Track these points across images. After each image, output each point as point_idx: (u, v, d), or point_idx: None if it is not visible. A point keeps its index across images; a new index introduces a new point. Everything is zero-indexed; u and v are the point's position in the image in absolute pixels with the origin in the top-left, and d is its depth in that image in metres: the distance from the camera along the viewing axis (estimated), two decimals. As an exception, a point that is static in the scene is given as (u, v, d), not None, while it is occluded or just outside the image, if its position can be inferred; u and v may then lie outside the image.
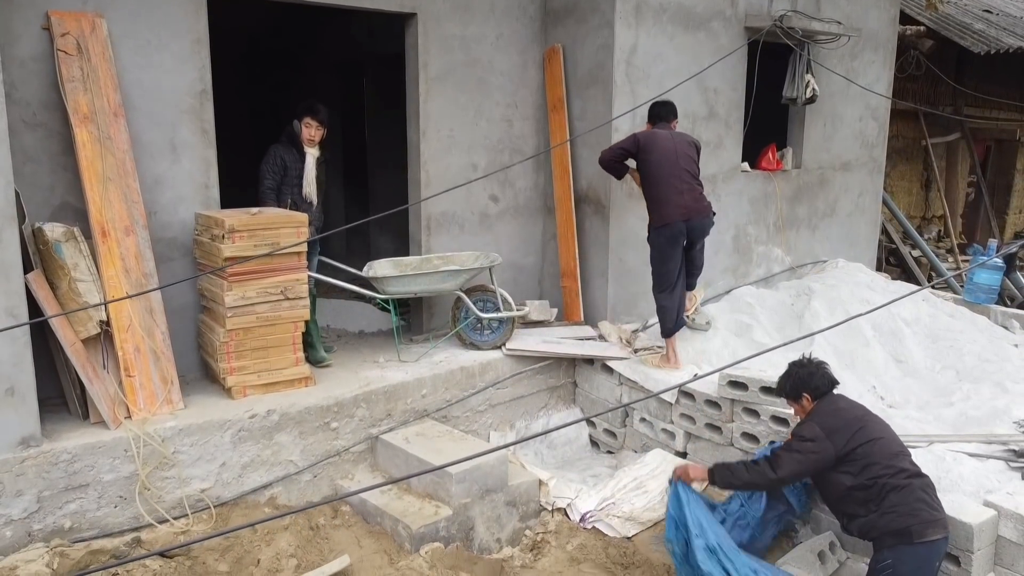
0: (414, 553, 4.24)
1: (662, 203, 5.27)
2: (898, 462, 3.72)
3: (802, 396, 3.97)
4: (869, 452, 3.71)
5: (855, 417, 3.85)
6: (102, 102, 4.32)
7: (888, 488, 3.64)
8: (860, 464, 3.70)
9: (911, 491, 3.64)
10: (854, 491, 3.72)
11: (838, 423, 3.80)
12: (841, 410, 3.89)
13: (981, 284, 7.36)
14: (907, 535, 3.57)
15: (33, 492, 3.81)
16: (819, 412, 3.88)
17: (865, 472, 3.69)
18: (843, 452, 3.72)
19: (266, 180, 5.12)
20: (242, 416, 4.38)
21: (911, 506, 3.60)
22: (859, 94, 7.79)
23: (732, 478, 3.98)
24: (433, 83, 5.78)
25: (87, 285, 4.19)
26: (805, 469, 3.80)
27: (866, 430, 3.79)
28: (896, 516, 3.60)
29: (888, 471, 3.67)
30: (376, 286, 5.33)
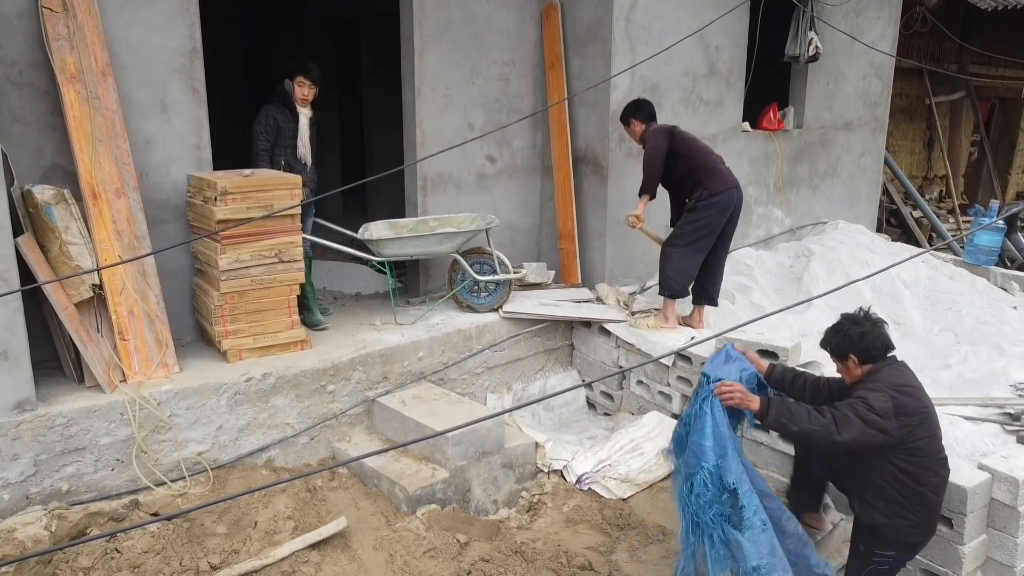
0: (411, 515, 4.26)
1: (717, 172, 5.25)
2: (941, 468, 3.43)
3: (849, 357, 3.46)
4: (925, 451, 3.33)
5: (924, 405, 3.38)
6: (89, 60, 4.22)
7: (921, 498, 3.34)
8: (912, 460, 3.30)
9: (939, 507, 3.47)
10: (889, 485, 3.34)
11: (910, 405, 3.31)
12: (913, 389, 3.37)
13: (981, 246, 7.33)
14: (914, 549, 3.52)
15: (30, 456, 3.82)
16: (888, 382, 3.34)
17: (912, 472, 3.31)
18: (903, 439, 3.27)
19: (259, 141, 5.03)
20: (238, 379, 4.37)
21: (932, 523, 3.46)
22: (863, 52, 7.65)
23: (790, 421, 3.30)
24: (428, 40, 5.66)
25: (79, 248, 4.15)
26: (868, 444, 3.25)
27: (930, 423, 3.38)
28: (916, 532, 3.41)
29: (933, 478, 3.35)
30: (371, 248, 5.29)
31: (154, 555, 3.76)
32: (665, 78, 6.19)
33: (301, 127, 5.12)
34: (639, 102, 5.45)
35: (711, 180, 5.22)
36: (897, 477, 3.32)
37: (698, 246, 5.28)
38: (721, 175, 5.26)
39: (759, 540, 3.22)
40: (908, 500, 3.34)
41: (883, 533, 3.41)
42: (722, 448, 3.30)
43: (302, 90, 5.09)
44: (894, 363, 3.46)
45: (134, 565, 3.69)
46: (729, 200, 5.26)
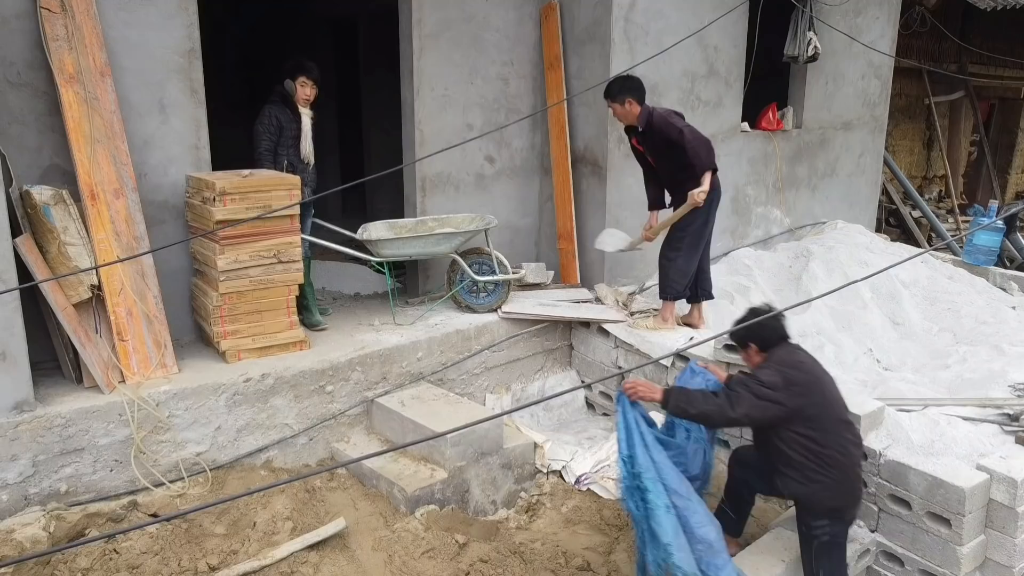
0: (410, 515, 4.26)
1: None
2: (845, 430, 3.61)
3: (749, 346, 3.75)
4: (822, 414, 3.54)
5: (815, 376, 3.63)
6: (88, 61, 4.22)
7: (829, 461, 3.50)
8: (810, 425, 3.51)
9: (852, 468, 3.59)
10: (795, 453, 3.53)
11: (799, 377, 3.56)
12: (802, 363, 3.64)
13: (981, 246, 7.33)
14: (839, 512, 3.59)
15: (28, 456, 3.81)
16: (779, 360, 3.61)
17: (813, 436, 3.51)
18: (797, 408, 3.49)
19: (263, 141, 5.02)
20: (237, 380, 4.37)
21: (851, 484, 3.58)
22: (862, 52, 7.65)
23: (688, 405, 3.59)
24: (427, 40, 5.66)
25: (77, 249, 4.15)
26: (762, 416, 3.51)
27: (824, 392, 3.61)
28: (832, 495, 3.53)
29: (835, 440, 3.53)
30: (371, 249, 5.29)
31: (153, 556, 3.76)
32: (664, 78, 6.19)
33: (305, 127, 5.12)
34: (636, 79, 5.17)
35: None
36: (801, 443, 3.52)
37: (699, 244, 5.28)
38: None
39: (663, 521, 3.50)
40: (818, 464, 3.52)
41: (807, 502, 3.59)
42: (631, 440, 3.67)
43: (304, 90, 5.09)
44: (787, 346, 3.73)
45: (133, 566, 3.69)
46: (720, 192, 5.28)
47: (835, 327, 5.89)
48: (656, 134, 5.08)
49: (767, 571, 3.68)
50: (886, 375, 5.33)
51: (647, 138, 5.15)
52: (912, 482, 3.95)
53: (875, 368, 5.51)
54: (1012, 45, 11.68)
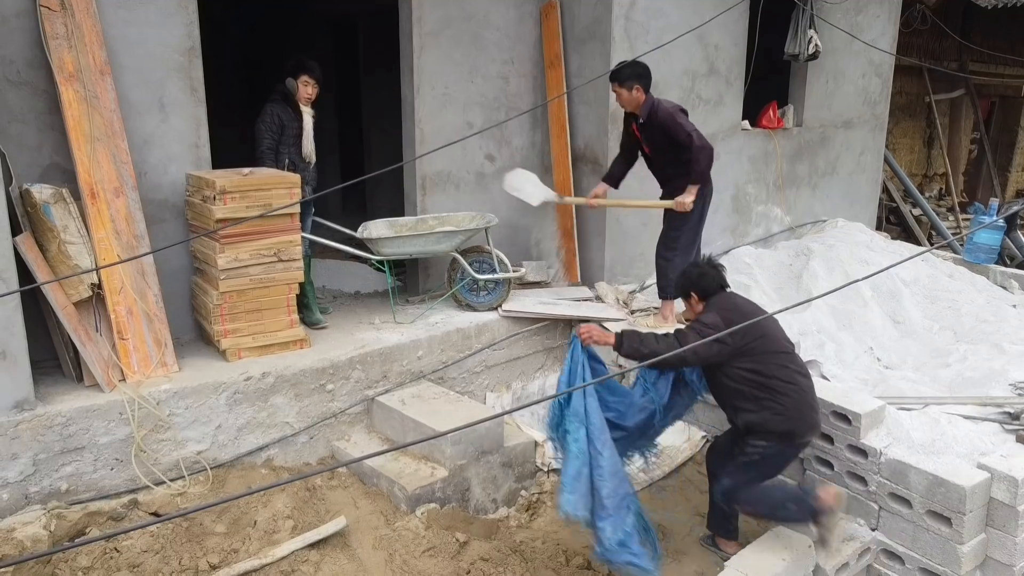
0: (410, 514, 4.26)
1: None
2: (788, 361, 3.81)
3: (690, 295, 4.05)
4: (762, 348, 3.78)
5: (750, 312, 3.86)
6: (87, 59, 4.22)
7: (777, 389, 3.73)
8: (753, 359, 3.75)
9: (799, 393, 3.76)
10: (745, 387, 3.77)
11: (736, 316, 3.79)
12: (738, 306, 3.94)
13: (981, 244, 7.32)
14: (789, 436, 3.77)
15: (29, 455, 3.81)
16: (717, 305, 3.92)
17: (757, 369, 3.74)
18: (739, 345, 3.73)
19: (264, 140, 5.01)
20: (237, 379, 4.37)
21: (798, 410, 3.75)
22: (863, 50, 7.64)
23: (640, 346, 3.82)
24: (427, 38, 5.65)
25: (77, 248, 4.14)
26: (707, 353, 3.72)
27: (760, 325, 3.79)
28: (784, 419, 3.73)
29: (779, 370, 3.75)
30: (371, 247, 5.29)
31: (153, 554, 3.76)
32: (664, 77, 6.17)
33: (307, 126, 5.12)
34: (645, 66, 5.12)
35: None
36: (747, 378, 3.77)
37: (695, 242, 5.29)
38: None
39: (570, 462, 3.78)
40: (767, 393, 3.75)
41: (756, 428, 3.79)
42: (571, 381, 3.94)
43: (306, 89, 5.09)
44: (724, 294, 4.02)
45: (133, 564, 3.69)
46: (712, 189, 5.30)
47: (836, 325, 5.88)
48: (657, 127, 5.07)
49: (768, 569, 3.68)
50: (887, 373, 5.32)
51: (647, 128, 5.14)
52: (913, 481, 3.95)
53: (876, 366, 5.50)
54: (1012, 43, 11.67)
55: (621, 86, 5.13)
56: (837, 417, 4.28)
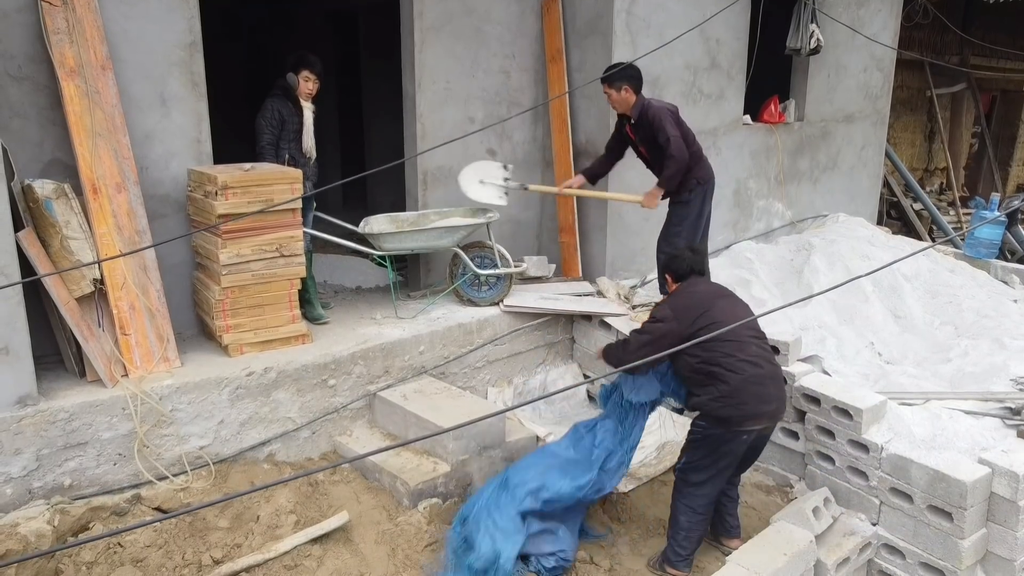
0: (412, 509, 4.27)
1: (703, 159, 5.25)
2: (736, 349, 3.80)
3: (666, 278, 4.27)
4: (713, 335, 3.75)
5: (706, 299, 3.96)
6: (88, 55, 4.21)
7: (716, 375, 3.77)
8: (700, 348, 3.75)
9: (743, 382, 3.76)
10: (695, 373, 3.85)
11: (688, 303, 3.94)
12: (695, 292, 4.02)
13: (982, 239, 7.32)
14: (727, 423, 3.79)
15: (32, 450, 3.82)
16: (676, 293, 4.09)
17: (703, 356, 3.79)
18: (688, 332, 3.78)
19: (264, 135, 5.00)
20: (239, 374, 4.37)
21: (739, 398, 3.75)
22: (864, 44, 7.63)
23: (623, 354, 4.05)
24: (428, 33, 5.64)
25: (79, 243, 4.14)
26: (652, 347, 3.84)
27: (711, 313, 3.86)
28: (723, 406, 3.77)
29: (723, 358, 3.78)
30: (372, 242, 5.28)
31: (156, 549, 3.77)
32: (666, 71, 6.17)
33: (307, 121, 5.11)
34: (634, 67, 5.12)
35: (700, 168, 5.21)
36: (692, 365, 3.86)
37: (694, 238, 5.29)
38: (705, 161, 5.30)
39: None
40: (707, 378, 3.82)
41: (700, 409, 3.91)
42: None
43: (308, 84, 5.08)
44: (694, 279, 4.14)
45: (137, 559, 3.70)
46: (714, 186, 5.33)
47: (837, 320, 5.89)
48: (647, 127, 5.10)
49: (769, 564, 3.69)
50: (888, 368, 5.33)
51: (639, 129, 5.18)
52: (914, 476, 3.96)
53: (877, 361, 5.51)
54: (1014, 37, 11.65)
55: (611, 87, 5.15)
56: (838, 412, 4.30)
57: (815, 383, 4.50)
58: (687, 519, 3.96)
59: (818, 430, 4.44)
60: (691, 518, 3.95)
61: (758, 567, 3.67)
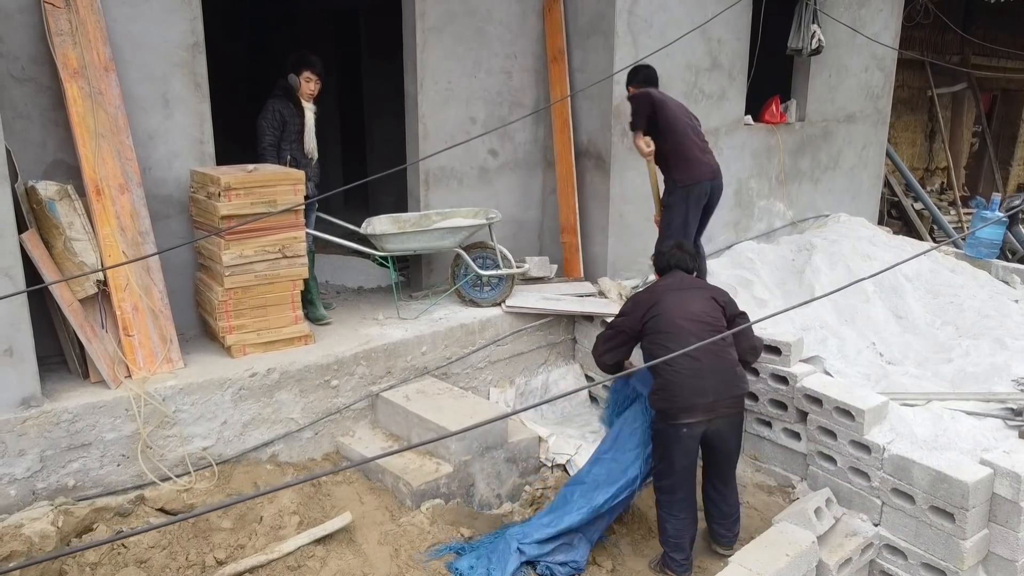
0: (415, 509, 4.28)
1: (690, 161, 5.18)
2: (671, 341, 3.87)
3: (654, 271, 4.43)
4: (655, 327, 3.94)
5: (660, 292, 4.09)
6: (91, 56, 4.21)
7: (657, 370, 3.86)
8: (650, 338, 3.95)
9: (674, 374, 3.82)
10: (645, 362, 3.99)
11: (645, 297, 4.10)
12: (657, 286, 4.18)
13: (983, 238, 7.31)
14: (664, 416, 3.91)
15: (35, 451, 3.83)
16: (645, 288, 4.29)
17: (649, 348, 3.96)
18: (639, 325, 3.99)
19: (266, 136, 5.01)
20: (242, 375, 4.38)
21: (671, 391, 3.84)
22: (865, 44, 7.64)
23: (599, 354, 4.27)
24: (430, 33, 5.64)
25: (83, 244, 4.15)
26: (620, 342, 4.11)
27: (658, 306, 3.99)
28: (659, 399, 3.89)
29: (659, 350, 3.89)
30: (374, 243, 5.29)
31: (160, 550, 3.78)
32: (668, 71, 6.16)
33: (308, 122, 5.11)
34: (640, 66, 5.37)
35: (683, 170, 5.16)
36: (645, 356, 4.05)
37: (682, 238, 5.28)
38: (692, 164, 5.17)
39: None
40: (651, 371, 3.95)
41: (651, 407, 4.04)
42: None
43: (309, 85, 5.08)
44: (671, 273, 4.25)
45: (140, 560, 3.71)
46: (701, 191, 5.23)
47: (838, 320, 5.89)
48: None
49: (771, 565, 3.70)
50: (889, 369, 5.34)
51: None
52: (916, 476, 3.97)
53: (878, 362, 5.51)
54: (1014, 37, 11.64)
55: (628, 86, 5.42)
56: (840, 413, 4.30)
57: (817, 384, 4.50)
58: (672, 526, 4.02)
59: (820, 431, 4.45)
60: (675, 524, 4.01)
61: (760, 567, 3.68)
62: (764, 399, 4.76)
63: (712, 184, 5.28)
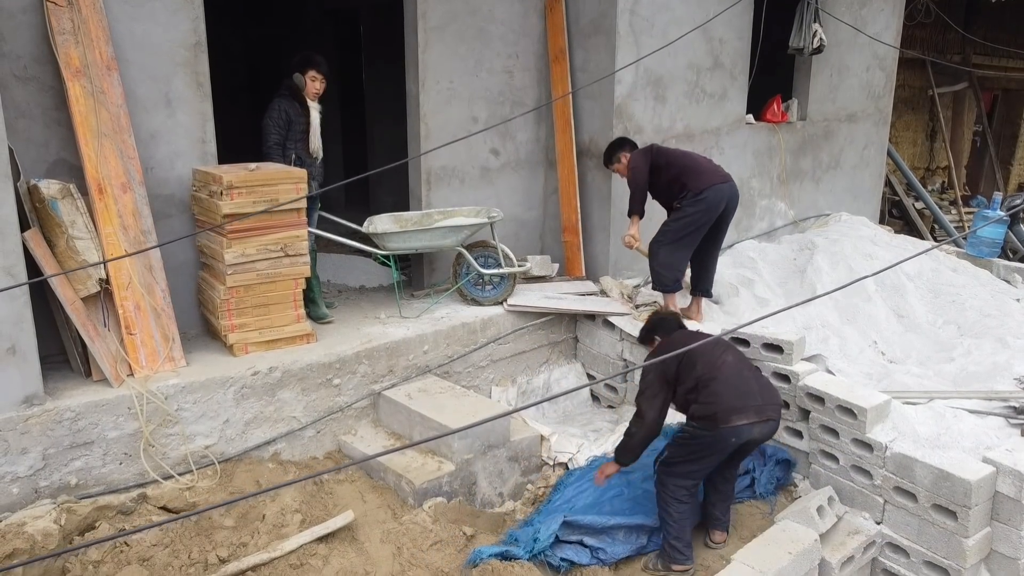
0: (417, 508, 4.28)
1: (699, 172, 5.28)
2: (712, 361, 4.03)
3: (653, 339, 4.49)
4: (690, 360, 4.04)
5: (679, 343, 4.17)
6: (94, 55, 4.22)
7: (703, 384, 3.97)
8: (685, 374, 4.03)
9: (722, 381, 3.96)
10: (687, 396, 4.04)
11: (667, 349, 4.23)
12: (672, 341, 4.31)
13: (984, 237, 7.31)
14: (712, 420, 3.91)
15: (38, 450, 3.83)
16: (656, 351, 4.39)
17: (690, 377, 4.02)
18: (672, 373, 4.06)
19: (272, 135, 5.01)
20: (244, 373, 4.38)
21: (719, 395, 3.93)
22: (867, 43, 7.64)
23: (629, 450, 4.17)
24: (432, 33, 5.64)
25: (85, 243, 4.15)
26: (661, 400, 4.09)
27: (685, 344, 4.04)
28: (706, 405, 3.94)
29: (705, 368, 4.00)
30: (376, 242, 5.29)
31: (163, 548, 3.78)
32: (669, 71, 6.18)
33: (314, 121, 5.11)
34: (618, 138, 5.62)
35: (693, 180, 5.22)
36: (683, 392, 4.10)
37: (685, 242, 5.28)
38: (704, 173, 5.26)
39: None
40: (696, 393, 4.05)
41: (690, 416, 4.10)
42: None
43: (314, 84, 5.08)
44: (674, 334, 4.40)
45: (143, 558, 3.71)
46: (717, 196, 5.23)
47: (840, 320, 5.89)
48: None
49: (774, 563, 3.70)
50: (891, 368, 5.34)
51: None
52: (918, 474, 3.97)
53: (880, 361, 5.51)
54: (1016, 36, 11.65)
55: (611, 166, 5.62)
56: (842, 411, 4.30)
57: (819, 382, 4.50)
58: (675, 509, 4.05)
59: (822, 429, 4.45)
60: (678, 508, 4.05)
61: (763, 565, 3.68)
62: (766, 398, 4.75)
63: (730, 190, 5.29)
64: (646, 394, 4.10)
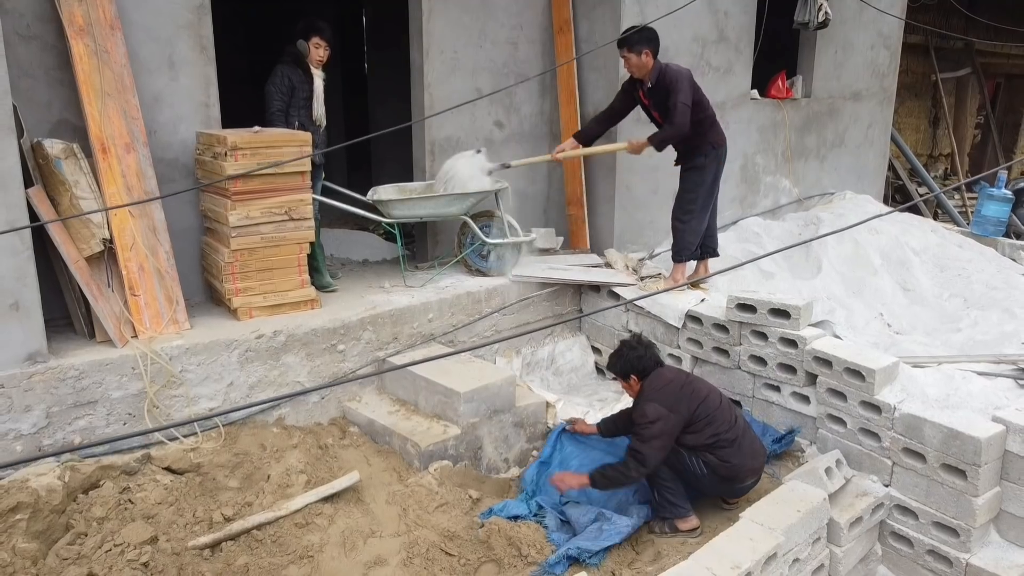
0: (423, 471, 4.26)
1: (716, 123, 5.25)
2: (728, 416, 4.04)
3: (630, 377, 4.16)
4: (706, 411, 3.99)
5: (681, 383, 4.08)
6: (98, 13, 4.19)
7: (723, 443, 3.96)
8: (701, 424, 3.97)
9: (740, 445, 4.00)
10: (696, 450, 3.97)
11: (673, 393, 4.00)
12: (670, 382, 4.07)
13: (989, 216, 7.32)
14: (727, 478, 4.03)
15: (42, 408, 3.80)
16: (652, 390, 4.05)
17: (706, 430, 3.97)
18: (687, 418, 3.96)
19: (275, 101, 4.97)
20: (249, 337, 4.35)
21: (740, 455, 3.99)
22: (872, 21, 7.61)
23: (610, 484, 4.01)
24: (436, 2, 5.61)
25: (89, 203, 4.12)
26: (665, 447, 3.93)
27: (695, 392, 4.05)
28: (725, 464, 3.97)
29: (723, 427, 3.99)
30: (381, 210, 5.26)
31: (167, 506, 3.75)
32: (674, 43, 6.14)
33: (317, 88, 5.07)
34: (653, 31, 5.07)
35: (714, 132, 5.22)
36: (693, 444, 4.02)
37: (708, 205, 5.29)
38: (718, 127, 5.30)
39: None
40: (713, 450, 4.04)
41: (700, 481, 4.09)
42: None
43: (318, 51, 5.04)
44: (656, 373, 4.12)
45: (148, 515, 3.68)
46: (724, 152, 5.31)
47: (845, 292, 5.88)
48: (664, 91, 5.06)
49: (783, 521, 3.67)
50: (898, 338, 5.32)
51: (655, 94, 5.13)
52: (927, 435, 3.94)
53: (886, 331, 5.49)
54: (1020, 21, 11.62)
55: (631, 51, 5.10)
56: (850, 374, 4.27)
57: (827, 346, 4.47)
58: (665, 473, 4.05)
59: (829, 392, 4.42)
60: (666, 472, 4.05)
61: (772, 523, 3.65)
62: (772, 363, 4.72)
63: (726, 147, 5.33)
64: (652, 444, 3.88)
